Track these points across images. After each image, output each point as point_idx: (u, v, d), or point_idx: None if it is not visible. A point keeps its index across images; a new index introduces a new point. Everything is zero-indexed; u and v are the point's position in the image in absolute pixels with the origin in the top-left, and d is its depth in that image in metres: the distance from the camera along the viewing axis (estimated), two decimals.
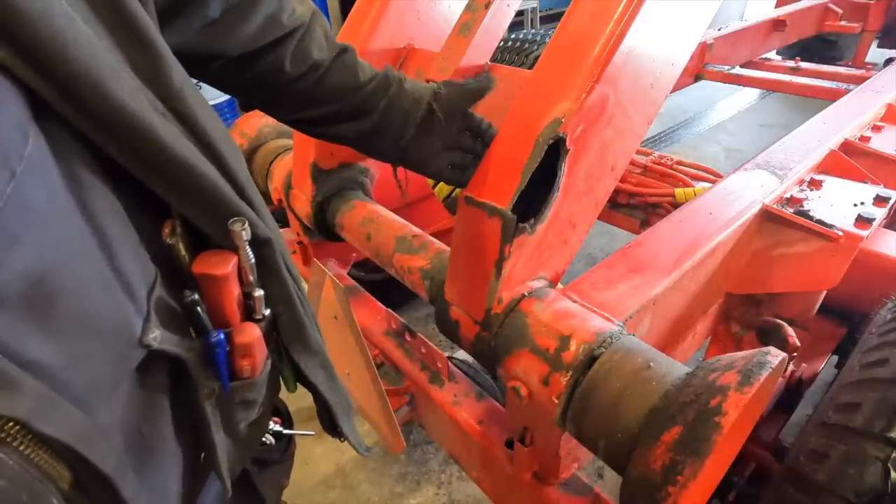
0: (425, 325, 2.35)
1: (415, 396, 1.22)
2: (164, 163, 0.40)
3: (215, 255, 0.47)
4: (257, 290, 0.51)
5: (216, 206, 0.45)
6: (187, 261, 0.46)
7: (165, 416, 0.46)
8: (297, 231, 1.51)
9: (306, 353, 0.60)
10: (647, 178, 1.84)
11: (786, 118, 4.55)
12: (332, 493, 1.77)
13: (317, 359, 0.62)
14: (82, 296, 0.34)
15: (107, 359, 0.37)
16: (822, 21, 3.30)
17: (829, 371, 1.42)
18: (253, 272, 0.49)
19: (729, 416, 0.55)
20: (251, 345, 0.49)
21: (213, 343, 0.46)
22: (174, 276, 0.45)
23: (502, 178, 0.78)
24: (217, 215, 0.45)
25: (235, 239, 0.46)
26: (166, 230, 0.45)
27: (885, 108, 1.71)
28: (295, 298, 0.56)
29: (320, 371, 0.62)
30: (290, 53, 0.67)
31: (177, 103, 0.42)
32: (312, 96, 0.72)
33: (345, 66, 0.73)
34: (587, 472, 1.76)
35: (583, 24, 0.80)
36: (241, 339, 0.49)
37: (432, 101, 0.78)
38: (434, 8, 1.28)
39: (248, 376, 0.51)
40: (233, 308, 0.49)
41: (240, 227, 0.46)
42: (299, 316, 0.57)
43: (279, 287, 0.54)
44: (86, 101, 0.34)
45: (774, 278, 1.15)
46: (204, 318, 0.46)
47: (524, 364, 0.77)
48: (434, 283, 0.99)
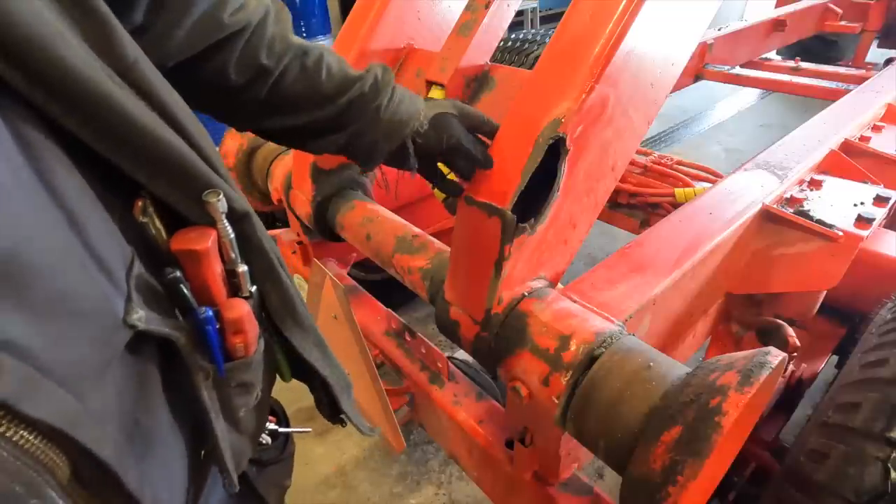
0: (425, 325, 2.35)
1: (415, 396, 1.22)
2: (127, 134, 0.38)
3: (193, 231, 0.45)
4: (241, 266, 0.49)
5: (188, 180, 0.43)
6: (164, 238, 0.44)
7: (161, 404, 0.44)
8: (297, 231, 1.51)
9: (298, 330, 0.58)
10: (647, 178, 1.84)
11: (786, 118, 4.55)
12: (332, 493, 1.77)
13: (310, 336, 0.59)
14: (57, 273, 0.32)
15: (90, 340, 0.35)
16: (822, 21, 3.30)
17: (829, 371, 1.42)
18: (233, 247, 0.47)
19: (729, 416, 0.55)
20: (241, 319, 0.47)
21: (203, 320, 0.44)
22: (152, 256, 0.43)
23: (502, 178, 0.78)
24: (189, 189, 0.43)
25: (212, 211, 0.44)
26: (137, 208, 0.43)
27: (885, 108, 1.71)
28: (281, 274, 0.54)
29: (314, 349, 0.60)
30: (235, 58, 0.60)
31: (133, 75, 0.40)
32: (266, 106, 0.65)
33: (305, 72, 0.65)
34: (587, 472, 1.76)
35: (583, 24, 0.80)
36: (230, 314, 0.47)
37: (410, 139, 0.73)
38: (434, 8, 1.28)
39: (243, 355, 0.49)
40: (217, 284, 0.47)
41: (215, 198, 0.44)
42: (287, 291, 0.55)
43: (263, 262, 0.52)
44: (35, 67, 0.32)
45: (774, 278, 1.15)
46: (188, 295, 0.44)
47: (524, 364, 0.77)
48: (434, 283, 0.99)
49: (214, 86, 0.61)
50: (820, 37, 3.48)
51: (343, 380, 0.66)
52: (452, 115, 0.77)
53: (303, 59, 0.65)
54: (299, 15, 4.31)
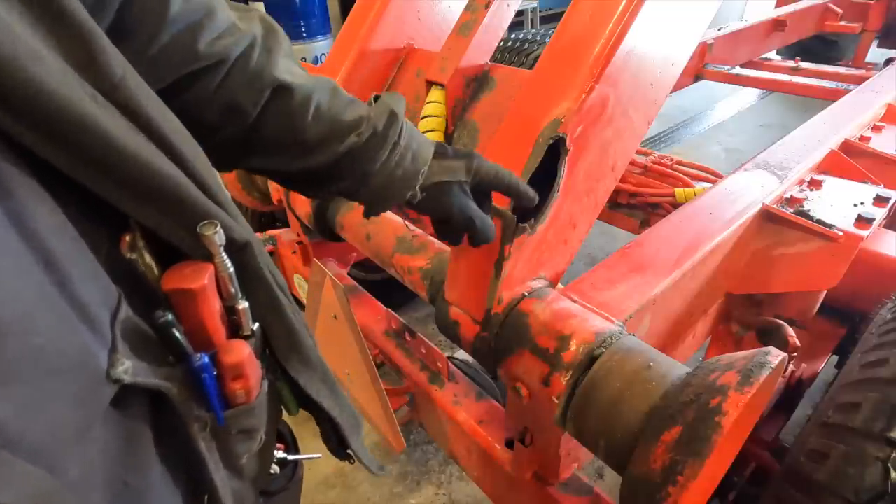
0: (425, 325, 2.35)
1: (415, 396, 1.22)
2: (109, 160, 0.34)
3: (188, 266, 0.41)
4: (241, 302, 0.44)
5: (180, 209, 0.39)
6: (156, 276, 0.40)
7: (153, 461, 0.40)
8: (297, 231, 1.51)
9: (304, 368, 0.53)
10: (647, 178, 1.84)
11: (786, 118, 4.55)
12: (331, 493, 1.77)
13: (316, 373, 0.55)
14: (30, 328, 0.29)
15: (69, 401, 0.32)
16: (822, 21, 3.30)
17: (829, 371, 1.42)
18: (233, 282, 0.43)
19: (729, 415, 0.55)
20: (242, 364, 0.43)
21: (198, 367, 0.40)
22: (142, 296, 0.39)
23: None
24: (183, 220, 0.39)
25: (208, 245, 0.40)
26: (125, 244, 0.39)
27: (885, 108, 1.71)
28: (284, 307, 0.50)
29: (322, 386, 0.56)
30: (208, 96, 0.52)
31: (119, 94, 0.36)
32: (247, 148, 0.58)
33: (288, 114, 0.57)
34: (587, 472, 1.76)
35: (583, 24, 0.80)
36: (229, 359, 0.43)
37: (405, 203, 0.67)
38: (434, 8, 1.28)
39: (244, 401, 0.44)
40: (215, 325, 0.43)
41: (212, 230, 0.39)
42: (292, 326, 0.51)
43: (265, 296, 0.48)
44: (3, 90, 0.29)
45: (774, 278, 1.15)
46: (182, 340, 0.40)
47: (524, 364, 0.77)
48: (434, 283, 0.99)
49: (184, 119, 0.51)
50: (820, 37, 3.48)
51: (352, 418, 0.62)
52: (453, 184, 0.67)
53: (285, 100, 0.57)
54: (299, 15, 4.31)
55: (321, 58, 4.51)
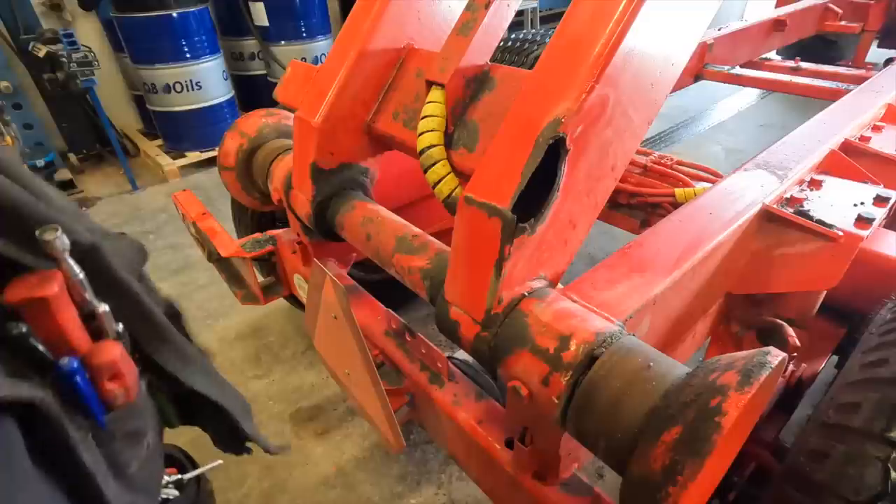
0: (425, 325, 2.35)
1: (415, 396, 1.22)
2: None
3: (33, 277, 0.38)
4: (100, 306, 0.42)
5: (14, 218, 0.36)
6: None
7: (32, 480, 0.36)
8: (297, 231, 1.51)
9: (180, 363, 0.51)
10: (647, 178, 1.84)
11: (786, 118, 4.56)
12: (331, 493, 1.77)
13: (195, 365, 0.53)
14: None
15: None
16: (822, 21, 3.30)
17: (829, 371, 1.42)
18: (85, 286, 0.41)
19: (729, 416, 0.55)
20: (115, 362, 0.41)
21: (67, 372, 0.37)
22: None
23: (502, 178, 0.78)
24: (17, 229, 0.36)
25: (51, 251, 0.37)
26: None
27: (885, 108, 1.71)
28: (146, 304, 0.47)
29: (202, 377, 0.54)
30: None
31: None
32: None
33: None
34: (587, 472, 1.76)
35: (583, 24, 0.80)
36: (100, 359, 0.40)
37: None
38: (434, 8, 1.28)
39: (124, 401, 0.42)
40: (74, 331, 0.40)
41: (52, 234, 0.37)
42: (157, 321, 0.49)
43: (124, 296, 0.46)
44: None
45: (774, 278, 1.15)
46: (41, 349, 0.37)
47: (524, 364, 0.77)
48: (434, 283, 0.99)
49: None
50: (820, 37, 3.48)
51: (240, 403, 0.60)
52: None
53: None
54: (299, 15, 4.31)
55: (321, 58, 4.51)
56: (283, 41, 4.36)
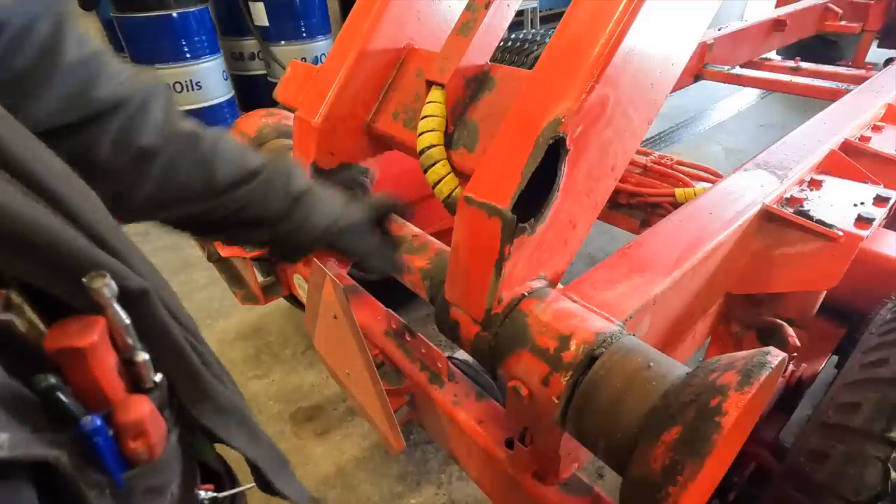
0: (425, 325, 2.35)
1: (415, 396, 1.22)
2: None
3: (75, 323, 0.37)
4: (140, 354, 0.41)
5: (63, 262, 0.35)
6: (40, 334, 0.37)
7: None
8: None
9: (216, 415, 0.50)
10: (647, 178, 1.84)
11: (786, 118, 4.56)
12: (332, 493, 1.77)
13: (232, 418, 0.52)
14: None
15: None
16: (822, 21, 3.30)
17: (829, 371, 1.42)
18: (130, 333, 0.40)
19: (729, 416, 0.55)
20: (142, 421, 0.39)
21: (88, 432, 0.36)
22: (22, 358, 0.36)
23: (502, 178, 0.78)
24: (67, 273, 0.35)
25: (97, 298, 0.37)
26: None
27: (885, 108, 1.71)
28: (189, 353, 0.47)
29: (238, 431, 0.53)
30: (110, 137, 0.52)
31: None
32: (154, 193, 0.57)
33: (198, 159, 0.58)
34: (587, 472, 1.76)
35: (583, 24, 0.80)
36: (126, 417, 0.39)
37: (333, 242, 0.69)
38: (434, 8, 1.28)
39: (147, 460, 0.41)
40: (110, 381, 0.39)
41: (100, 282, 0.36)
42: (198, 373, 0.48)
43: (169, 344, 0.45)
44: None
45: (774, 278, 1.15)
46: (69, 404, 0.36)
47: (524, 364, 0.77)
48: (434, 283, 0.99)
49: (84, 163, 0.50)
50: (820, 37, 3.48)
51: (274, 455, 0.60)
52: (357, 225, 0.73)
53: (197, 145, 0.58)
54: (299, 15, 4.31)
55: (321, 58, 4.51)
56: (283, 41, 4.36)
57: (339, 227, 0.69)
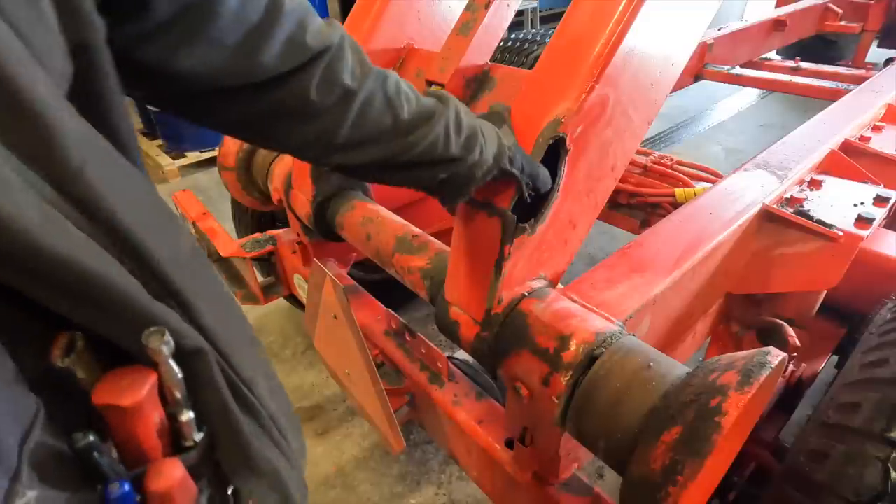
0: (425, 325, 2.35)
1: (415, 396, 1.22)
2: (41, 267, 0.30)
3: (126, 377, 0.37)
4: (186, 413, 0.41)
5: (125, 316, 0.35)
6: (90, 383, 0.36)
7: None
8: (297, 231, 1.51)
9: (254, 478, 0.50)
10: (647, 178, 1.84)
11: (786, 118, 4.55)
12: (331, 493, 1.77)
13: (265, 480, 0.51)
14: None
15: None
16: (822, 21, 3.30)
17: (829, 371, 1.42)
18: (180, 390, 0.40)
19: (729, 416, 0.55)
20: (170, 493, 0.38)
21: (114, 500, 0.35)
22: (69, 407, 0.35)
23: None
24: (127, 326, 0.36)
25: (153, 356, 0.37)
26: (57, 350, 0.34)
27: (885, 108, 1.71)
28: (236, 416, 0.45)
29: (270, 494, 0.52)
30: (318, 78, 0.55)
31: (73, 186, 0.32)
32: (349, 135, 0.60)
33: (388, 99, 0.61)
34: (587, 472, 1.76)
35: (583, 24, 0.80)
36: (156, 485, 0.38)
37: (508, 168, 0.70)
38: (434, 8, 1.28)
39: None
40: (151, 440, 0.39)
41: (157, 341, 0.36)
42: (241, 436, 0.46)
43: (215, 403, 0.44)
44: None
45: (774, 278, 1.15)
46: (105, 465, 0.36)
47: (524, 364, 0.77)
48: (434, 283, 0.99)
49: (297, 106, 0.56)
50: (820, 37, 3.48)
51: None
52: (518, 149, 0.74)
53: (385, 85, 0.61)
54: None
55: None
56: None
57: (506, 154, 0.70)
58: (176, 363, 0.38)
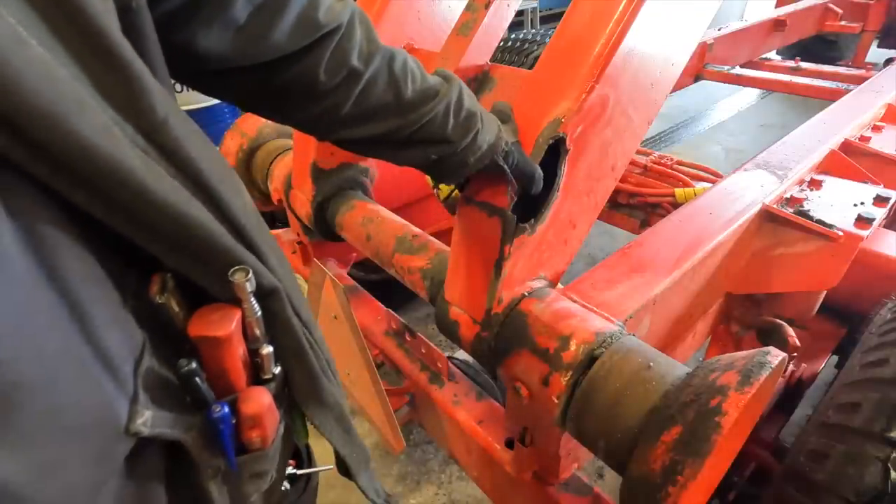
0: (425, 325, 2.35)
1: (415, 396, 1.22)
2: (144, 209, 0.33)
3: (215, 312, 0.41)
4: (265, 347, 0.45)
5: (212, 256, 0.38)
6: (182, 319, 0.40)
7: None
8: (297, 231, 1.51)
9: (321, 409, 0.54)
10: (647, 178, 1.84)
11: (786, 118, 4.55)
12: (331, 493, 1.77)
13: (332, 413, 0.56)
14: (50, 385, 0.28)
15: (87, 459, 0.31)
16: (822, 21, 3.30)
17: (829, 371, 1.42)
18: (260, 326, 0.44)
19: (729, 416, 0.55)
20: (261, 414, 0.43)
21: (216, 419, 0.40)
22: (167, 340, 0.39)
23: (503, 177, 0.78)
24: (214, 266, 0.39)
25: (238, 292, 0.40)
26: (154, 287, 0.38)
27: (885, 108, 1.71)
28: (307, 350, 0.50)
29: (335, 426, 0.57)
30: (326, 59, 0.55)
31: (161, 136, 0.35)
32: (351, 112, 0.61)
33: (392, 78, 0.61)
34: (587, 472, 1.76)
35: (583, 24, 0.80)
36: (248, 409, 0.43)
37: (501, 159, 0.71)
38: (434, 8, 1.28)
39: (259, 448, 0.45)
40: (238, 371, 0.43)
41: (242, 277, 0.39)
42: (313, 369, 0.51)
43: (290, 340, 0.48)
44: (42, 142, 0.27)
45: (774, 278, 1.15)
46: (204, 389, 0.40)
47: (524, 364, 0.77)
48: (434, 283, 0.99)
49: (303, 85, 0.56)
50: (820, 37, 3.48)
51: (362, 454, 0.65)
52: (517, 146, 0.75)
53: (391, 64, 0.61)
54: None
55: None
56: None
57: (501, 147, 0.71)
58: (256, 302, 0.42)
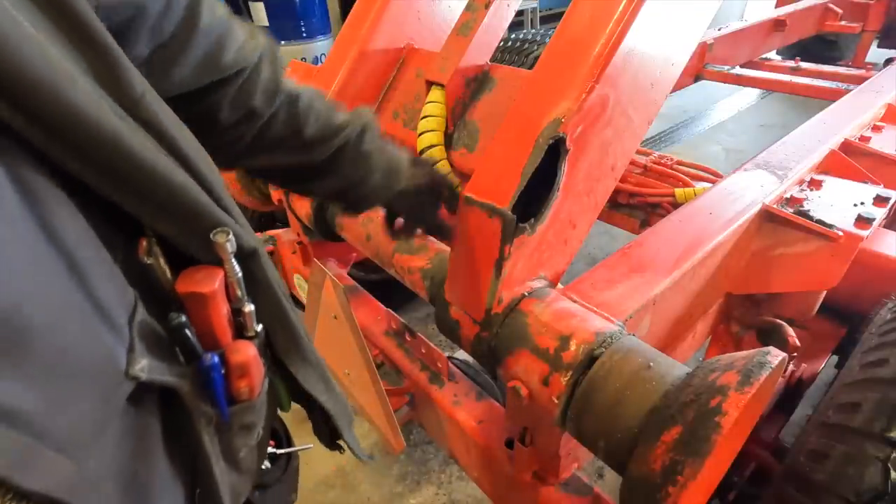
0: (425, 325, 2.35)
1: (415, 396, 1.22)
2: (132, 175, 0.36)
3: (200, 272, 0.44)
4: (247, 305, 0.47)
5: (195, 219, 0.41)
6: (169, 280, 0.43)
7: (160, 455, 0.43)
8: (297, 231, 1.51)
9: (304, 366, 0.57)
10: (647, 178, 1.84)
11: (786, 118, 4.55)
12: (331, 493, 1.77)
13: (316, 371, 0.59)
14: (57, 330, 0.31)
15: (91, 398, 0.34)
16: (822, 21, 3.30)
17: (829, 371, 1.42)
18: (241, 286, 0.46)
19: (729, 416, 0.55)
20: (248, 364, 0.46)
21: (208, 367, 0.43)
22: (155, 298, 0.42)
23: (502, 178, 0.78)
24: (197, 228, 0.42)
25: (220, 251, 0.43)
26: (142, 249, 0.41)
27: (885, 108, 1.71)
28: (287, 310, 0.53)
29: (319, 382, 0.60)
30: (228, 100, 0.57)
31: (140, 110, 0.38)
32: (251, 147, 0.64)
33: (293, 118, 0.64)
34: (587, 472, 1.76)
35: (583, 24, 0.80)
36: (236, 358, 0.45)
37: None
38: (434, 8, 1.28)
39: (247, 398, 0.47)
40: (223, 327, 0.45)
41: (224, 238, 0.42)
42: (293, 327, 0.54)
43: (270, 300, 0.51)
44: (40, 110, 0.30)
45: (774, 278, 1.15)
46: (194, 341, 0.43)
47: (524, 364, 0.77)
48: (434, 283, 0.99)
49: (203, 122, 0.57)
50: (820, 37, 3.48)
51: (345, 411, 0.67)
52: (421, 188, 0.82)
53: (292, 105, 0.64)
54: (299, 15, 4.31)
55: (321, 58, 4.51)
56: (282, 41, 4.36)
57: (399, 186, 0.77)
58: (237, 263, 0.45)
